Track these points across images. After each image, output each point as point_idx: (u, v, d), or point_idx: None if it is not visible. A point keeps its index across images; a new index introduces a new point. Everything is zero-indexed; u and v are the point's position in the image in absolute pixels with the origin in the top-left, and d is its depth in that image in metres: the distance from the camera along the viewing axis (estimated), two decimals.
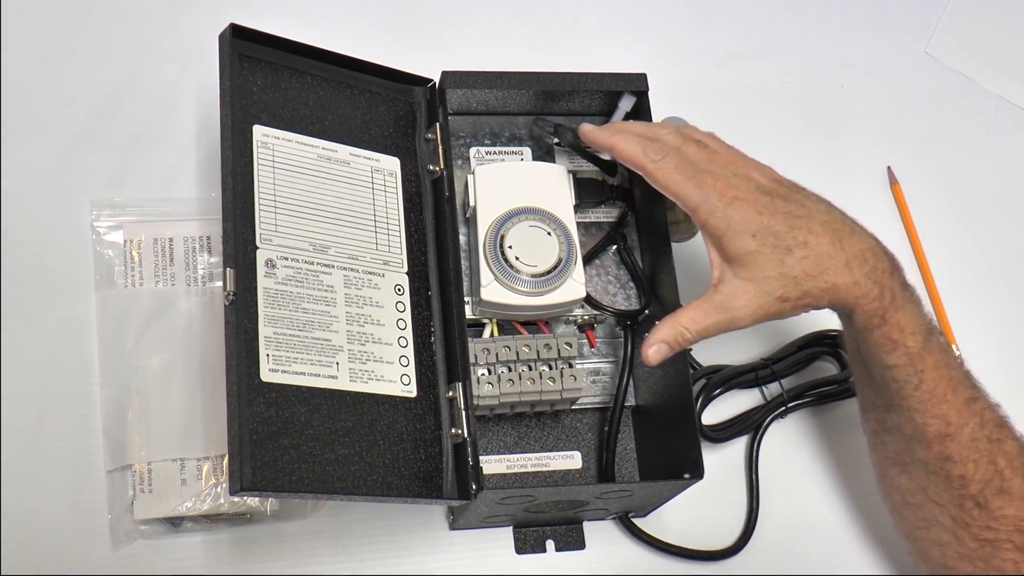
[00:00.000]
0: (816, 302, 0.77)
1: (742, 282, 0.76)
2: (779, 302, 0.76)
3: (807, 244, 0.76)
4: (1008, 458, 0.79)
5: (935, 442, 0.79)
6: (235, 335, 0.74)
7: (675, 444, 0.85)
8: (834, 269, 0.76)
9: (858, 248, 0.77)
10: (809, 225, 0.77)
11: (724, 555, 0.91)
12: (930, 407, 0.79)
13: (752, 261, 0.76)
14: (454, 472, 0.79)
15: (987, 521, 0.79)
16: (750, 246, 0.76)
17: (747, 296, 0.76)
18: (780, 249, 0.76)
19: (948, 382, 0.79)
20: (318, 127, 0.84)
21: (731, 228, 0.76)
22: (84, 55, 0.99)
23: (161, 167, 0.95)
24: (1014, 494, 0.79)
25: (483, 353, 0.84)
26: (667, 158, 0.78)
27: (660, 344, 0.77)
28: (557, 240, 0.85)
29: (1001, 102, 1.18)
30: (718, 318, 0.77)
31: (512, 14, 1.11)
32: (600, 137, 0.83)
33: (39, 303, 0.88)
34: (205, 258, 0.91)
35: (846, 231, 0.78)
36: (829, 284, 0.76)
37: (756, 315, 0.76)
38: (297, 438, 0.74)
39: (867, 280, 0.77)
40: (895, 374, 0.79)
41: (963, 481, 0.79)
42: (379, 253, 0.83)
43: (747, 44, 1.16)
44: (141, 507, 0.83)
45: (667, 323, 0.78)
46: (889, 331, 0.78)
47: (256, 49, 0.83)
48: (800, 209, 0.77)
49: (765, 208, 0.76)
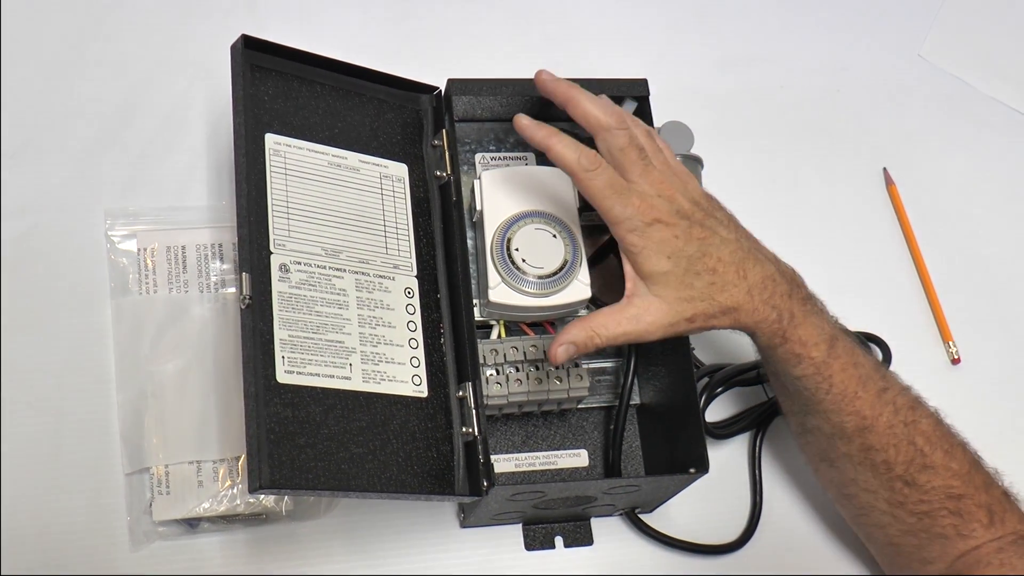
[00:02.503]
0: (719, 324, 0.81)
1: (655, 299, 0.79)
2: (687, 322, 0.80)
3: (715, 271, 0.80)
4: (925, 436, 0.84)
5: (855, 436, 0.84)
6: (251, 338, 0.75)
7: (680, 440, 0.87)
8: (736, 296, 0.80)
9: (759, 276, 0.81)
10: (718, 253, 0.80)
11: (730, 549, 0.92)
12: (844, 406, 0.83)
13: (665, 281, 0.79)
14: (465, 470, 0.81)
15: (919, 496, 0.83)
16: (664, 266, 0.79)
17: (659, 312, 0.79)
18: (691, 273, 0.79)
19: (857, 380, 0.83)
20: (328, 135, 0.86)
21: (647, 247, 0.79)
22: (96, 68, 1.00)
23: (173, 176, 0.97)
24: (937, 467, 0.83)
25: (491, 354, 0.86)
26: (599, 170, 0.79)
27: (568, 344, 0.79)
28: (562, 242, 0.86)
29: (995, 104, 1.20)
30: (629, 328, 0.79)
31: (515, 22, 1.13)
32: (537, 136, 0.81)
33: (56, 311, 0.90)
34: (217, 265, 0.92)
35: (750, 260, 0.81)
36: (730, 308, 0.80)
37: (665, 331, 0.80)
38: (313, 437, 0.75)
39: (765, 306, 0.81)
40: (805, 383, 0.83)
41: (888, 466, 0.83)
42: (389, 257, 0.85)
43: (745, 49, 1.18)
44: (159, 509, 0.84)
45: (578, 325, 0.79)
46: (791, 347, 0.82)
47: (267, 59, 0.85)
48: (712, 237, 0.80)
49: (682, 233, 0.79)
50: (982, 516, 0.83)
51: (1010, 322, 1.09)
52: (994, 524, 0.83)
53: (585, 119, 0.81)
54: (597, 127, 0.81)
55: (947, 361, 1.05)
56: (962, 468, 0.84)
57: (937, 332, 1.06)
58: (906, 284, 1.08)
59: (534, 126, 0.82)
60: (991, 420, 1.00)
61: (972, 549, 0.83)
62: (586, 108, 0.81)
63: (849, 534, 0.94)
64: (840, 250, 1.08)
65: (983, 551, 0.82)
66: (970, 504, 0.83)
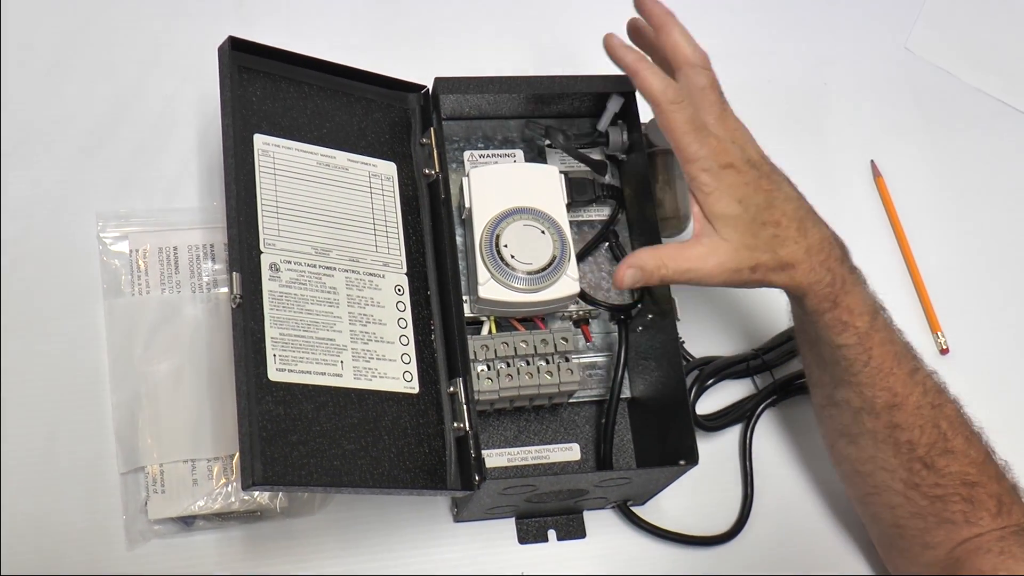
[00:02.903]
0: (773, 279, 0.81)
1: (723, 241, 0.79)
2: (749, 271, 0.80)
3: (779, 224, 0.80)
4: (949, 420, 0.84)
5: (883, 412, 0.84)
6: (243, 337, 0.76)
7: (670, 433, 0.87)
8: (796, 253, 0.80)
9: (817, 237, 0.81)
10: (783, 207, 0.80)
11: (721, 540, 0.93)
12: (878, 380, 0.83)
13: (734, 224, 0.79)
14: (457, 464, 0.81)
15: (935, 479, 0.84)
16: (735, 210, 0.79)
17: (725, 255, 0.79)
18: (757, 222, 0.79)
19: (893, 356, 0.83)
20: (317, 135, 0.87)
21: (720, 188, 0.79)
22: (85, 71, 1.01)
23: (163, 178, 0.97)
24: (957, 452, 0.84)
25: (482, 350, 0.86)
26: (683, 104, 0.79)
27: (636, 269, 0.79)
28: (551, 238, 0.87)
29: (980, 95, 1.21)
30: (696, 265, 0.79)
31: (501, 20, 1.13)
32: (626, 58, 0.81)
33: (49, 313, 0.90)
34: (209, 265, 0.93)
35: (810, 220, 0.81)
36: (788, 265, 0.80)
37: (728, 276, 0.79)
38: (305, 434, 0.76)
39: (821, 268, 0.81)
40: (845, 352, 0.83)
41: (911, 446, 0.84)
42: (379, 255, 0.86)
43: (731, 44, 1.17)
44: (155, 507, 0.85)
45: (649, 252, 0.79)
46: (840, 313, 0.82)
47: (254, 61, 0.85)
48: (778, 191, 0.81)
49: (752, 181, 0.79)
50: (992, 505, 0.83)
51: (998, 312, 1.10)
52: (1001, 514, 0.83)
53: (674, 50, 0.81)
54: (684, 61, 0.81)
55: (936, 351, 1.06)
56: (979, 456, 0.84)
57: (926, 323, 1.07)
58: (894, 275, 1.09)
59: (623, 48, 0.81)
60: (980, 410, 1.00)
61: (975, 536, 0.83)
62: (677, 39, 0.81)
63: (841, 524, 0.95)
64: None
65: (985, 539, 0.83)
66: (982, 493, 0.83)
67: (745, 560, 0.93)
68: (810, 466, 0.98)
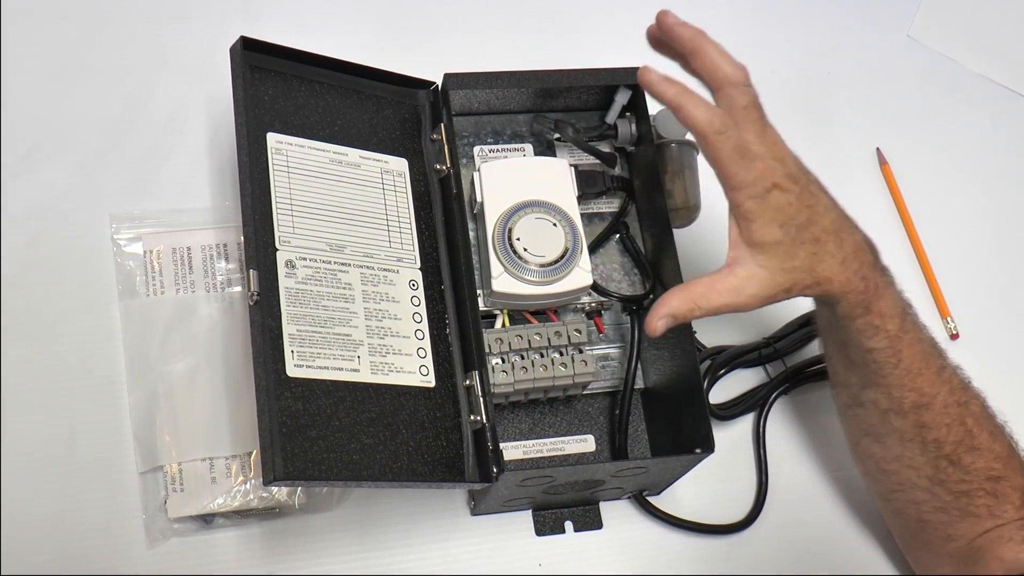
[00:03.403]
0: (810, 293, 0.80)
1: (759, 269, 0.77)
2: (784, 293, 0.78)
3: (818, 241, 0.78)
4: (975, 417, 0.84)
5: (911, 412, 0.83)
6: (261, 333, 0.77)
7: (685, 422, 0.88)
8: (832, 267, 0.78)
9: (852, 245, 0.79)
10: (823, 222, 0.78)
11: (737, 528, 0.94)
12: (907, 382, 0.82)
13: (774, 251, 0.77)
14: (475, 457, 0.82)
15: (961, 475, 0.83)
16: (776, 236, 0.77)
17: (760, 284, 0.77)
18: (797, 243, 0.77)
19: (922, 356, 0.83)
20: (328, 132, 0.87)
21: (764, 216, 0.76)
22: (96, 75, 1.01)
23: (176, 179, 0.98)
24: (983, 449, 0.83)
25: (496, 343, 0.87)
26: (729, 133, 0.76)
27: (668, 317, 0.77)
28: (563, 231, 0.87)
29: (983, 80, 1.21)
30: (730, 300, 0.77)
31: (509, 15, 1.14)
32: (668, 93, 0.77)
33: (66, 315, 0.91)
34: (223, 265, 0.94)
35: (846, 228, 0.80)
36: (824, 279, 0.79)
37: (762, 303, 0.78)
38: (324, 429, 0.77)
39: (856, 276, 0.79)
40: (876, 356, 0.82)
41: (938, 444, 0.83)
42: (393, 250, 0.86)
43: (736, 35, 1.16)
44: (174, 506, 0.86)
45: (678, 296, 0.77)
46: (872, 319, 0.81)
47: (266, 60, 0.86)
48: (819, 204, 0.78)
49: (795, 199, 0.77)
50: (1016, 498, 0.83)
51: (1007, 296, 1.10)
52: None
53: (713, 71, 0.78)
54: (724, 81, 0.77)
55: (946, 337, 1.06)
56: (1003, 451, 0.84)
57: (935, 308, 1.08)
58: (903, 261, 1.09)
59: (664, 82, 0.78)
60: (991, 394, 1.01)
61: (996, 527, 0.83)
62: (714, 59, 0.78)
63: (856, 511, 0.96)
64: None
65: (1007, 529, 0.83)
66: (1007, 486, 0.83)
67: (762, 547, 0.93)
68: (824, 453, 0.98)
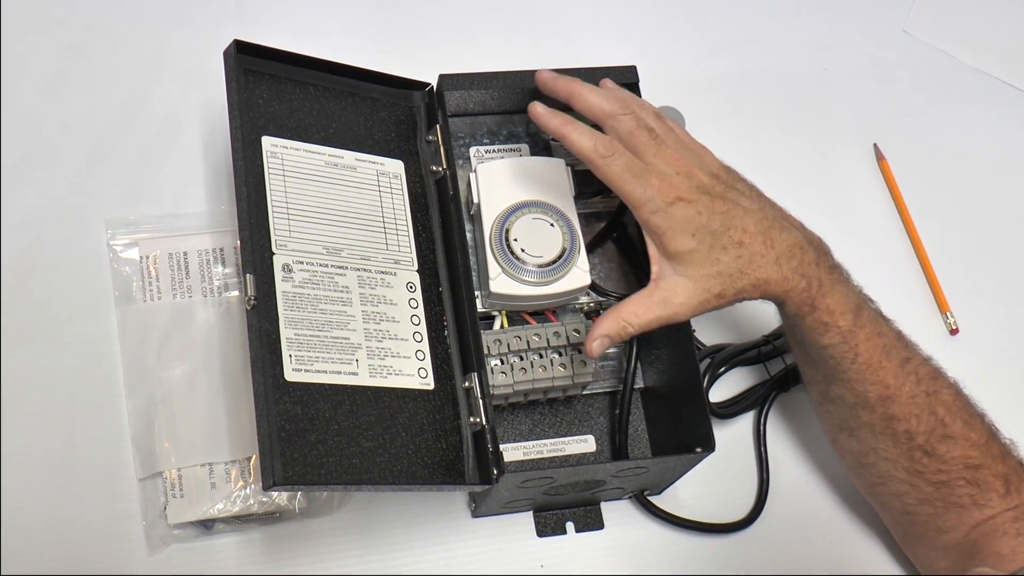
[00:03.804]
0: (750, 295, 0.82)
1: (681, 279, 0.80)
2: (716, 298, 0.80)
3: (741, 244, 0.80)
4: (946, 406, 0.84)
5: (877, 405, 0.84)
6: (258, 338, 0.76)
7: (685, 421, 0.88)
8: (765, 267, 0.80)
9: (786, 245, 0.81)
10: (743, 225, 0.80)
11: (738, 527, 0.93)
12: (868, 375, 0.83)
13: (691, 259, 0.79)
14: (475, 459, 0.82)
15: (938, 465, 0.84)
16: (689, 245, 0.79)
17: (687, 292, 0.80)
18: (716, 248, 0.79)
19: (881, 349, 0.83)
20: (324, 135, 0.87)
21: (671, 227, 0.79)
22: (89, 81, 1.01)
23: (171, 183, 0.97)
24: (957, 437, 0.84)
25: (495, 344, 0.87)
26: (616, 155, 0.80)
27: (603, 338, 0.80)
28: (560, 231, 0.87)
29: (979, 74, 1.21)
30: (659, 313, 0.80)
31: (503, 14, 1.13)
32: (552, 124, 0.82)
33: (63, 322, 0.91)
34: (219, 269, 0.93)
35: (776, 228, 0.82)
36: (760, 280, 0.80)
37: (695, 310, 0.80)
38: (323, 433, 0.76)
39: (795, 274, 0.81)
40: (831, 352, 0.83)
41: (909, 435, 0.84)
42: (390, 253, 0.86)
43: (732, 32, 1.19)
44: (174, 512, 0.85)
45: (610, 317, 0.80)
46: (820, 316, 0.82)
47: (260, 63, 0.86)
48: (735, 209, 0.81)
49: (704, 208, 0.80)
50: (999, 486, 0.83)
51: (1007, 290, 1.10)
52: (1010, 494, 0.83)
53: (590, 110, 0.82)
54: (602, 116, 0.82)
55: (945, 332, 1.06)
56: (980, 438, 0.84)
57: (935, 303, 1.07)
58: (902, 257, 1.09)
59: (549, 114, 0.82)
60: (991, 389, 1.00)
61: (988, 519, 0.83)
62: (588, 100, 0.82)
63: (857, 508, 0.95)
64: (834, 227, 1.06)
65: (999, 520, 0.83)
66: (987, 474, 0.84)
67: (764, 545, 0.93)
68: (825, 450, 0.97)
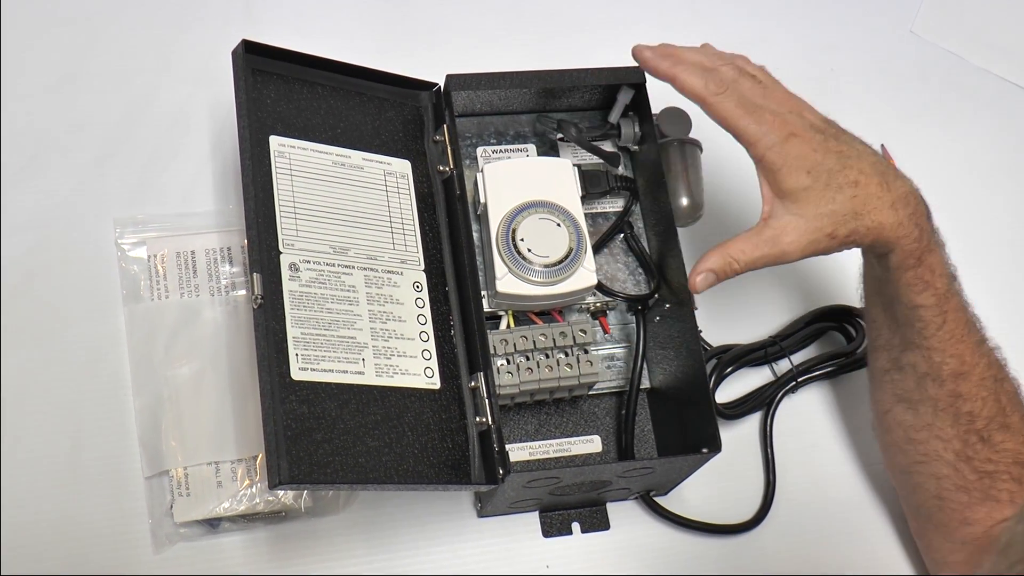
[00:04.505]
0: (861, 240, 0.80)
1: (793, 217, 0.78)
2: (828, 238, 0.79)
3: (857, 183, 0.78)
4: (1009, 396, 0.84)
5: (948, 380, 0.83)
6: (265, 337, 0.76)
7: (691, 422, 0.87)
8: (881, 209, 0.78)
9: (902, 191, 0.80)
10: (859, 165, 0.79)
11: (744, 528, 0.93)
12: (949, 347, 0.82)
13: (805, 197, 0.78)
14: (481, 459, 0.82)
15: (989, 454, 0.83)
16: (804, 182, 0.78)
17: (798, 231, 0.78)
18: (832, 187, 0.78)
19: (965, 324, 0.83)
20: (331, 135, 0.87)
21: (787, 164, 0.78)
22: (97, 81, 1.01)
23: (179, 183, 0.98)
24: (1014, 429, 0.83)
25: (501, 344, 0.87)
26: (728, 92, 0.79)
27: (708, 272, 0.79)
28: (567, 231, 0.87)
29: (987, 75, 1.21)
30: (767, 251, 0.79)
31: (511, 15, 1.14)
32: (661, 67, 0.81)
33: (70, 320, 0.91)
34: (227, 268, 0.93)
35: (891, 174, 0.80)
36: (876, 223, 0.79)
37: (805, 250, 0.79)
38: (329, 432, 0.76)
39: (909, 221, 0.79)
40: (922, 313, 0.82)
41: (971, 417, 0.83)
42: (396, 252, 0.86)
43: (739, 33, 1.18)
44: (180, 510, 0.86)
45: (717, 252, 0.79)
46: (922, 272, 0.81)
47: (268, 63, 0.86)
48: (850, 150, 0.80)
49: (819, 146, 0.78)
50: None
51: (1011, 294, 1.10)
52: None
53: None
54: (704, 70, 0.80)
55: None
56: None
57: None
58: None
59: (658, 57, 0.81)
60: None
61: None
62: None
63: (864, 507, 0.95)
64: None
65: None
66: None
67: (770, 547, 0.93)
68: (832, 451, 0.98)
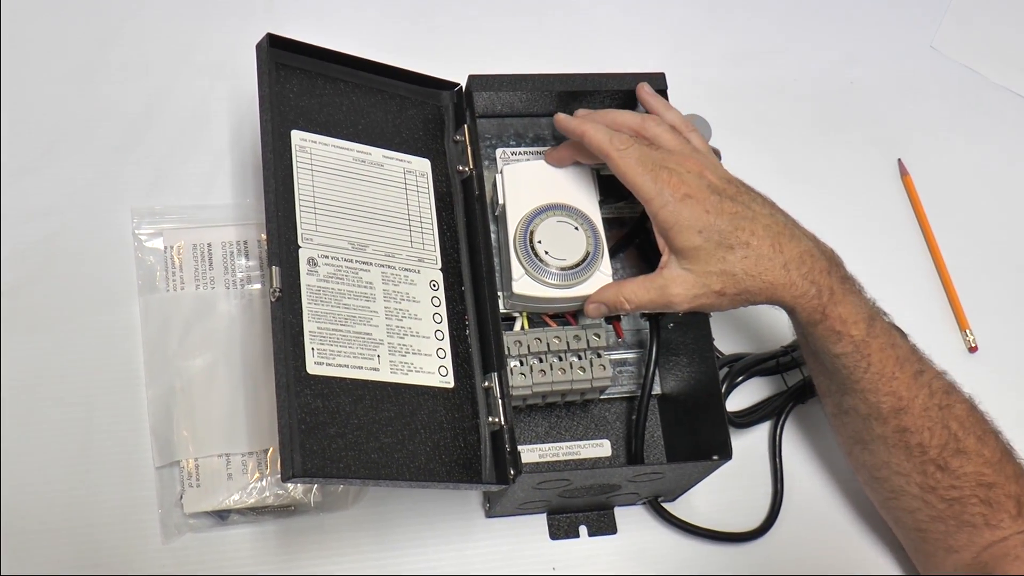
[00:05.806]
0: (753, 298, 0.82)
1: (683, 272, 0.81)
2: (716, 295, 0.81)
3: (748, 244, 0.81)
4: (959, 420, 0.84)
5: (890, 417, 0.84)
6: (282, 330, 0.76)
7: (702, 429, 0.88)
8: (772, 270, 0.81)
9: (796, 251, 0.82)
10: (752, 227, 0.81)
11: (752, 536, 0.93)
12: (881, 386, 0.84)
13: (695, 255, 0.81)
14: (492, 458, 0.82)
15: (951, 481, 0.84)
16: (695, 241, 0.80)
17: (685, 285, 0.81)
18: (723, 247, 0.80)
19: (895, 360, 0.84)
20: (352, 131, 0.87)
21: (679, 223, 0.80)
22: (120, 70, 1.02)
23: (198, 175, 0.98)
24: (970, 452, 0.84)
25: (515, 345, 0.87)
26: (630, 149, 0.82)
27: (600, 304, 0.84)
28: (584, 234, 0.87)
29: (1007, 93, 1.21)
30: (655, 297, 0.82)
31: (534, 18, 1.14)
32: (571, 125, 0.86)
33: (86, 309, 0.91)
34: (243, 262, 0.94)
35: (786, 235, 0.82)
36: (766, 283, 0.81)
37: (692, 303, 0.82)
38: (343, 427, 0.77)
39: (803, 280, 0.81)
40: (844, 361, 0.84)
41: (922, 448, 0.84)
42: (414, 250, 0.86)
43: (760, 43, 1.19)
44: (190, 501, 0.86)
45: (613, 288, 0.84)
46: (832, 324, 0.82)
47: (292, 58, 0.86)
48: (745, 211, 0.82)
49: (713, 207, 0.81)
50: (1011, 507, 0.83)
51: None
52: (1021, 516, 0.83)
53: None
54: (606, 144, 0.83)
55: (964, 349, 1.06)
56: (994, 456, 0.84)
57: (954, 321, 1.07)
58: (922, 273, 1.09)
59: (566, 119, 0.87)
60: (1009, 409, 1.00)
61: (999, 540, 0.83)
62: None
63: (871, 520, 0.95)
64: (856, 241, 1.07)
65: (1010, 543, 0.83)
66: (1000, 494, 0.83)
67: (776, 556, 0.93)
68: (840, 463, 0.97)
